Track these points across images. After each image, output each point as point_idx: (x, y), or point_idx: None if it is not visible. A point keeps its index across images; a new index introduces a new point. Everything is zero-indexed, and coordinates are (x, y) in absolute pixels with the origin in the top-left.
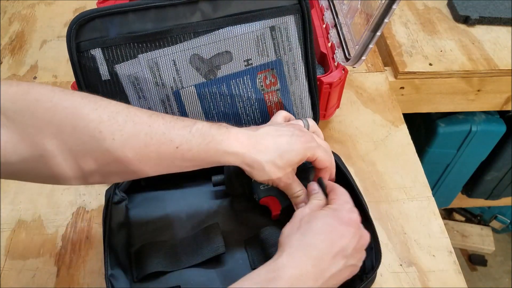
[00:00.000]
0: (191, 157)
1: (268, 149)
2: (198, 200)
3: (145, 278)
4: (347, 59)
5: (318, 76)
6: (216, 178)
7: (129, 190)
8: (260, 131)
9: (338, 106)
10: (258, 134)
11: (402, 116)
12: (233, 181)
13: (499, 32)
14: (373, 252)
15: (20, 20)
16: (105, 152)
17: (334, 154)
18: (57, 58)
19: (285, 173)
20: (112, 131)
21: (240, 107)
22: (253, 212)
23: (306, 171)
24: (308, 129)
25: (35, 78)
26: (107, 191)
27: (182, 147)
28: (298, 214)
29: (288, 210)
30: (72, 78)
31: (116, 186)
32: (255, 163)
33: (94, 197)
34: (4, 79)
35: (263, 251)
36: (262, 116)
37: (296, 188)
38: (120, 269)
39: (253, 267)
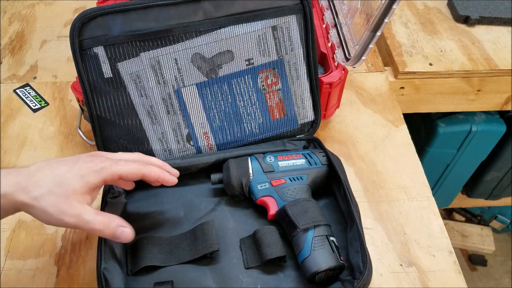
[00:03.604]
0: None
1: (42, 181)
2: (196, 198)
3: (139, 271)
4: (347, 59)
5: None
6: (214, 176)
7: None
8: (35, 165)
9: (338, 106)
10: (32, 168)
11: (402, 116)
12: (231, 180)
13: (499, 32)
14: (360, 256)
15: (20, 20)
16: None
17: (332, 155)
18: (57, 58)
19: (71, 204)
20: None
21: (241, 106)
22: (250, 212)
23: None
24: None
25: (35, 78)
26: (104, 186)
27: None
28: None
29: (284, 211)
30: (72, 78)
31: None
32: (29, 200)
33: None
34: (4, 79)
35: (258, 251)
36: (263, 116)
37: (93, 218)
38: (115, 263)
39: (247, 266)
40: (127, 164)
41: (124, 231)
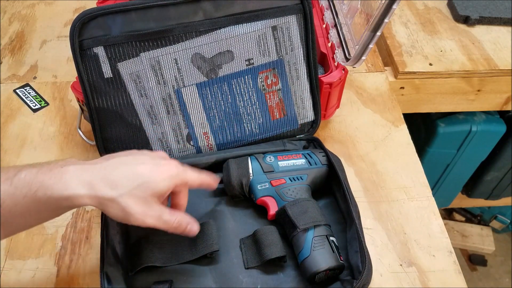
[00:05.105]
0: (21, 212)
1: (122, 181)
2: (196, 198)
3: (140, 271)
4: (347, 59)
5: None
6: None
7: None
8: (111, 161)
9: (338, 106)
10: (109, 165)
11: (402, 116)
12: (231, 180)
13: (499, 32)
14: (359, 256)
15: (20, 20)
16: None
17: (332, 155)
18: (57, 58)
19: (152, 206)
20: None
21: (241, 107)
22: (250, 212)
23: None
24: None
25: (35, 78)
26: None
27: (6, 203)
28: None
29: (284, 211)
30: (72, 78)
31: None
32: (106, 200)
33: None
34: (4, 79)
35: (258, 251)
36: (263, 116)
37: (170, 218)
38: (117, 263)
39: (247, 266)
40: (194, 172)
41: (192, 228)
